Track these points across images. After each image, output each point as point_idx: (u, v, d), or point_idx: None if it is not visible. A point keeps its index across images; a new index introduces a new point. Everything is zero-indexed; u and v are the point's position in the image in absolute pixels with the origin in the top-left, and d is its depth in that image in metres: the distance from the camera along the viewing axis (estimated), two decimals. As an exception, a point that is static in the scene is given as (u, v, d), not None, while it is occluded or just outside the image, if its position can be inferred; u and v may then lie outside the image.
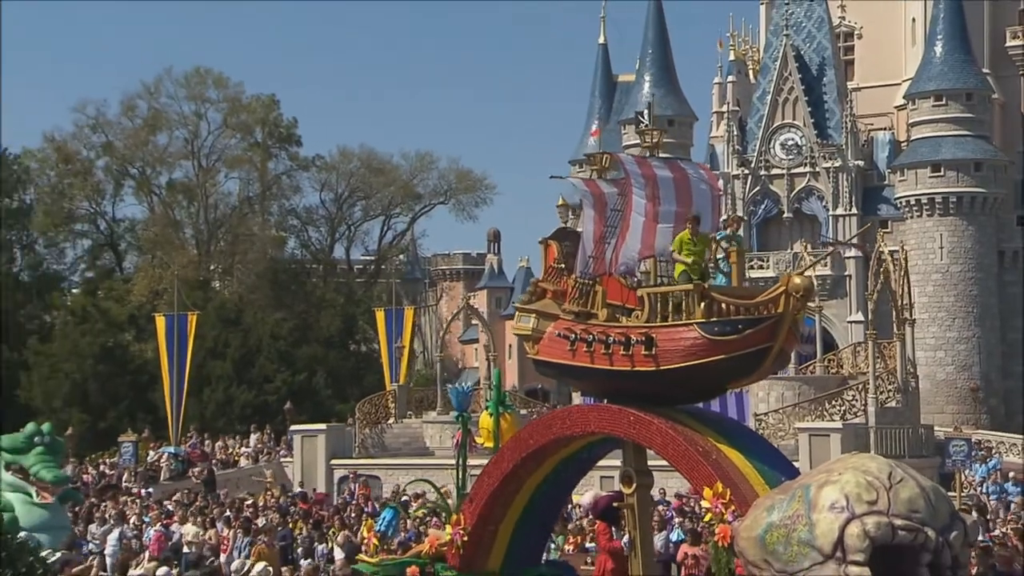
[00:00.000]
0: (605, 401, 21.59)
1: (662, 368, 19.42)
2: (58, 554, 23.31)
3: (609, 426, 20.66)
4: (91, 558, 28.40)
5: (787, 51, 69.25)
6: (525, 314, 22.75)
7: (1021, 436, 52.49)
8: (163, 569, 21.03)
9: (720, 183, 64.76)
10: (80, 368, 72.24)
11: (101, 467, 51.56)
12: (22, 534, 22.42)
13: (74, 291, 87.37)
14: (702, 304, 19.07)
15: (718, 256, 21.57)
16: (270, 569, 24.49)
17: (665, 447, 19.51)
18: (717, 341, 18.84)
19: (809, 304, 54.01)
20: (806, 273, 20.04)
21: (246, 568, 24.57)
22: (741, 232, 20.85)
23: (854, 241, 62.70)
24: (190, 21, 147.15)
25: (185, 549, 26.48)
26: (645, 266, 21.59)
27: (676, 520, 32.32)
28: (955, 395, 65.52)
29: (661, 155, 23.06)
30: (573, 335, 20.98)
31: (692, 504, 31.78)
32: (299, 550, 29.62)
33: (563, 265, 22.46)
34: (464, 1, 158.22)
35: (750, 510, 17.23)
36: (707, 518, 18.96)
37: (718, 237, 21.90)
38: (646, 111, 24.94)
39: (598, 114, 71.89)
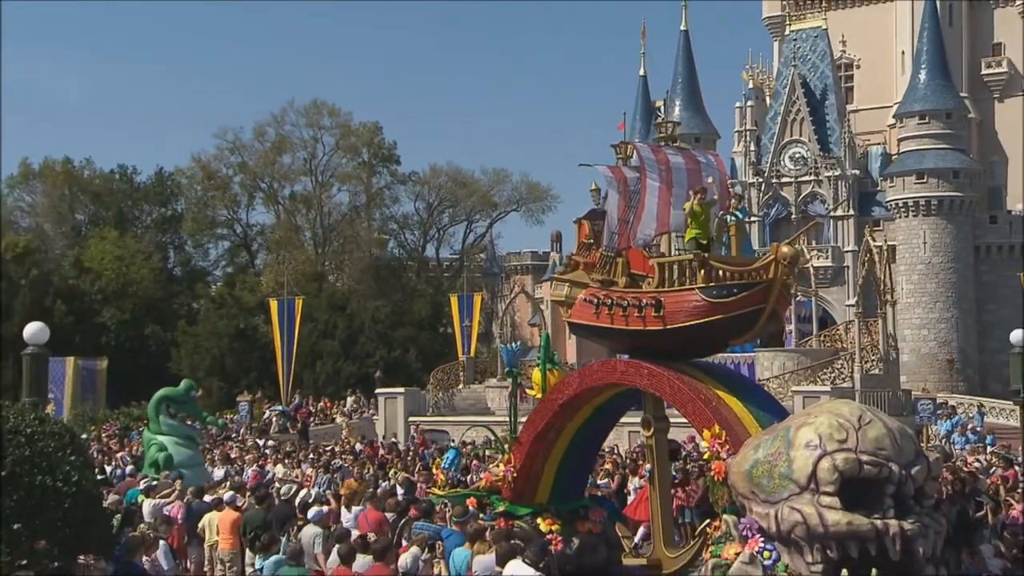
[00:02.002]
0: (627, 357, 20.60)
1: (669, 327, 18.68)
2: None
3: (628, 378, 19.90)
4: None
5: (795, 79, 68.30)
6: (560, 283, 22.36)
7: (977, 399, 52.15)
8: (229, 493, 19.94)
9: (728, 171, 65.29)
10: (218, 345, 72.38)
11: (224, 422, 51.35)
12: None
13: (215, 283, 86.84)
14: (702, 271, 18.27)
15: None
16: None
17: (673, 395, 18.78)
18: (716, 303, 18.04)
19: (807, 289, 53.80)
20: (794, 245, 18.86)
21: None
22: (739, 213, 19.79)
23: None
24: (309, 59, 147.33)
25: (276, 484, 25.29)
26: (660, 240, 21.16)
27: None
28: (936, 366, 64.46)
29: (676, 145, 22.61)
30: (597, 300, 20.25)
31: (689, 448, 30.41)
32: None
33: (592, 241, 21.79)
34: (527, 43, 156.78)
35: (741, 449, 16.55)
36: (706, 456, 18.10)
37: (723, 216, 21.72)
38: (662, 105, 23.27)
39: (639, 134, 69.97)
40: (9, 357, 55.91)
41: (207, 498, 20.41)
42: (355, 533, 17.09)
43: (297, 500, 20.93)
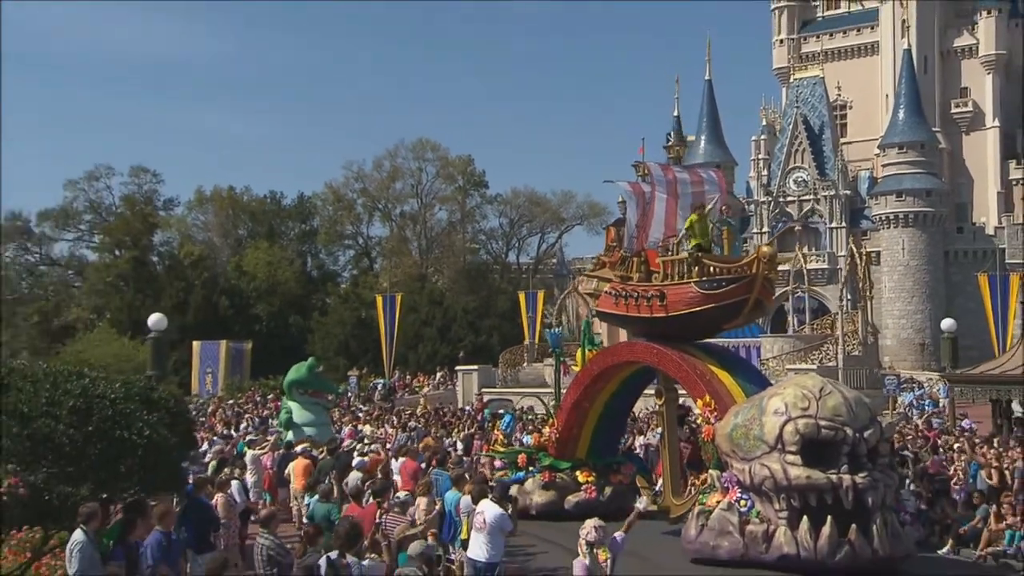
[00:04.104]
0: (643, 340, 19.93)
1: (671, 314, 18.25)
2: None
3: (640, 355, 19.61)
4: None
5: (798, 118, 66.79)
6: (590, 278, 22.41)
7: (938, 374, 49.91)
8: (303, 446, 19.93)
9: (725, 181, 64.13)
10: (343, 331, 72.15)
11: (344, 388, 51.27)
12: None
13: (343, 283, 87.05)
14: (697, 268, 17.84)
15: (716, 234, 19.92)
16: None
17: (675, 370, 18.39)
18: (708, 294, 17.53)
19: (801, 286, 52.73)
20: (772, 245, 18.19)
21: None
22: (731, 219, 19.15)
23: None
24: (417, 105, 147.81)
25: (365, 439, 24.96)
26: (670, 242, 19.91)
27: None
28: (913, 349, 62.57)
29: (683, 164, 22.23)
30: (616, 292, 19.88)
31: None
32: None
33: (616, 243, 21.38)
34: (591, 92, 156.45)
35: (726, 415, 16.13)
36: (699, 421, 17.47)
37: (717, 224, 20.36)
38: (672, 133, 22.61)
39: (672, 164, 68.68)
40: (184, 346, 56.35)
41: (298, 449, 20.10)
42: (397, 478, 16.92)
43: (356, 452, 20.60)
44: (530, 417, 29.93)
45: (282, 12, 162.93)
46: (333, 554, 9.10)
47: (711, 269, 17.69)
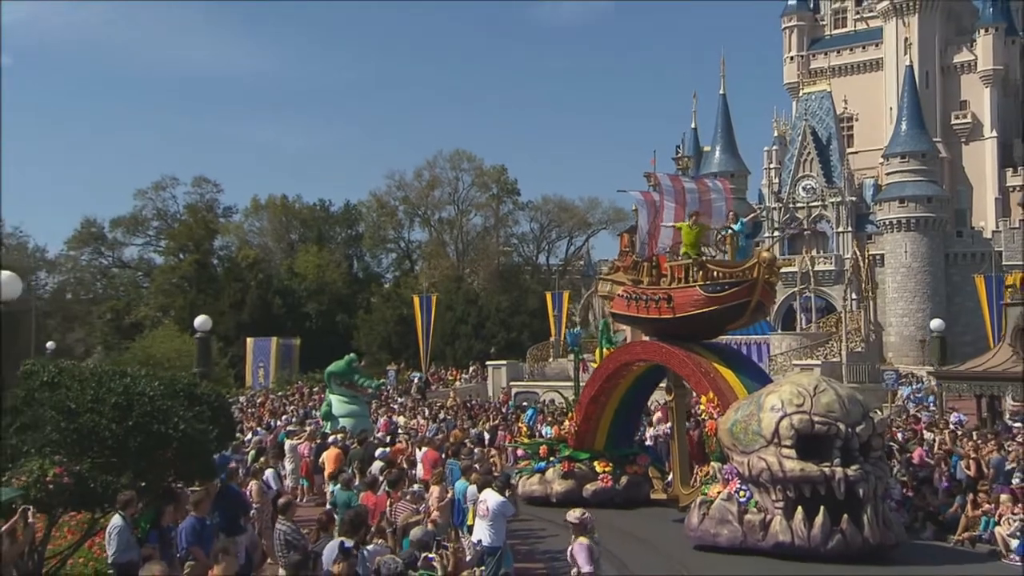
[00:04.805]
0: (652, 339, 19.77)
1: (677, 316, 18.07)
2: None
3: (651, 354, 19.45)
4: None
5: (806, 130, 65.66)
6: (605, 282, 22.04)
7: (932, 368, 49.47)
8: (336, 437, 19.86)
9: (731, 189, 63.16)
10: (386, 328, 71.81)
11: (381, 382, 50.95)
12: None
13: (386, 284, 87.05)
14: (701, 272, 17.66)
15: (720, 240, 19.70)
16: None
17: (682, 368, 18.27)
18: (712, 296, 17.35)
19: (810, 286, 52.13)
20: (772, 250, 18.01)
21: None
22: (735, 226, 18.78)
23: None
24: (453, 119, 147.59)
25: (400, 430, 24.85)
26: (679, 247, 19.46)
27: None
28: (915, 345, 60.98)
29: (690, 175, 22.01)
30: (629, 295, 19.67)
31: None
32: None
33: (629, 249, 21.15)
34: (614, 107, 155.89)
35: (727, 411, 15.93)
36: (703, 416, 17.28)
37: (721, 229, 19.55)
38: (681, 144, 22.34)
39: (691, 170, 67.92)
40: (240, 342, 56.55)
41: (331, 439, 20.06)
42: (420, 468, 16.85)
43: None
44: (551, 409, 29.67)
45: (331, 35, 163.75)
46: (348, 542, 9.03)
47: (714, 273, 17.44)
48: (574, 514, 10.43)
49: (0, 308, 10.26)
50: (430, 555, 9.21)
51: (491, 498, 11.76)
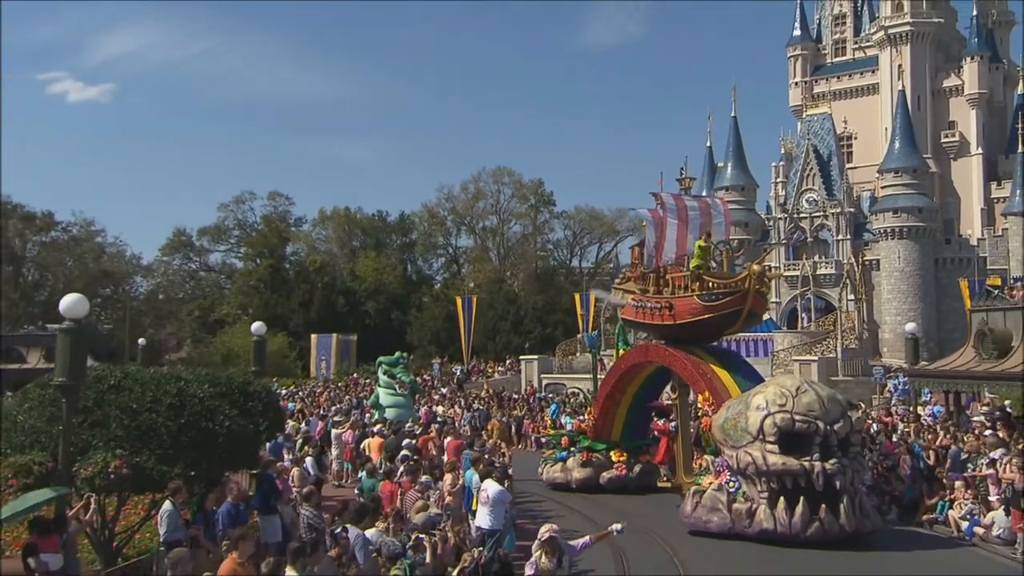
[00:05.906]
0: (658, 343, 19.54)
1: (677, 323, 17.86)
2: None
3: (655, 356, 19.22)
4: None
5: (809, 148, 64.37)
6: (617, 291, 21.77)
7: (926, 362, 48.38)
8: (378, 427, 19.76)
9: (739, 201, 62.77)
10: (436, 325, 71.90)
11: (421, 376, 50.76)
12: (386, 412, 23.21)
13: (436, 285, 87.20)
14: (698, 283, 17.43)
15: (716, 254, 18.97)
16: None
17: (681, 369, 18.01)
18: (708, 305, 17.08)
19: (811, 289, 51.24)
20: (762, 263, 17.56)
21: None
22: (732, 241, 18.40)
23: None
24: (495, 138, 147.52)
25: (439, 418, 24.76)
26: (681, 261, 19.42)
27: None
28: (906, 343, 59.25)
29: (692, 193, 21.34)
30: (637, 303, 19.51)
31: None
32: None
33: (639, 261, 20.86)
34: (640, 124, 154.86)
35: (720, 409, 15.63)
36: (700, 413, 16.91)
37: (719, 244, 19.23)
38: (684, 166, 22.13)
39: (705, 187, 67.04)
40: (307, 337, 56.76)
41: (375, 428, 20.02)
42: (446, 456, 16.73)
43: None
44: (573, 403, 29.49)
45: (391, 64, 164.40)
46: (354, 529, 8.98)
47: (710, 284, 17.20)
48: (545, 532, 8.94)
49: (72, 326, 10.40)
50: (421, 536, 9.08)
51: (491, 487, 11.71)
